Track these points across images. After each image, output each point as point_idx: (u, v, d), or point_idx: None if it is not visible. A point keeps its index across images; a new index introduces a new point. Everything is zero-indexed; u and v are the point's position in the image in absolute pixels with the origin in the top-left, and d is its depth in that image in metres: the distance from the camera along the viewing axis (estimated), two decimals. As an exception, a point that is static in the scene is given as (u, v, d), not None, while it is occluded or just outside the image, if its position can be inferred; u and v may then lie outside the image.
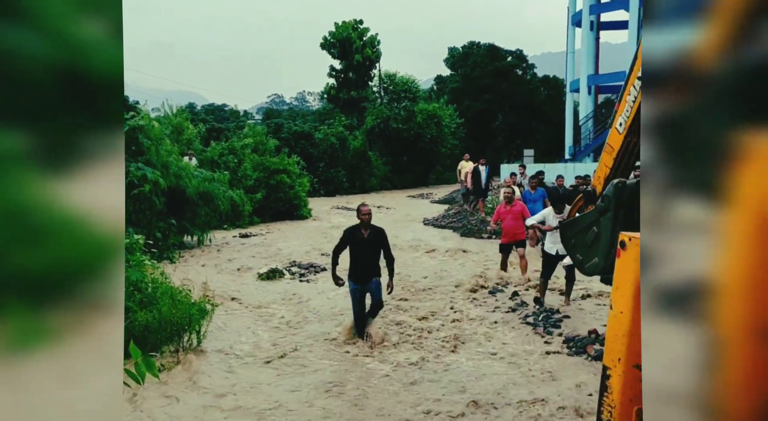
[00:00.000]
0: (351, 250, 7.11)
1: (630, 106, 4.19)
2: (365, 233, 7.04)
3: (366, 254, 7.02)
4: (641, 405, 3.05)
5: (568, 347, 6.78)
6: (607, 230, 4.14)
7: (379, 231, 7.14)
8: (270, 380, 5.96)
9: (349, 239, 7.10)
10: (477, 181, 17.58)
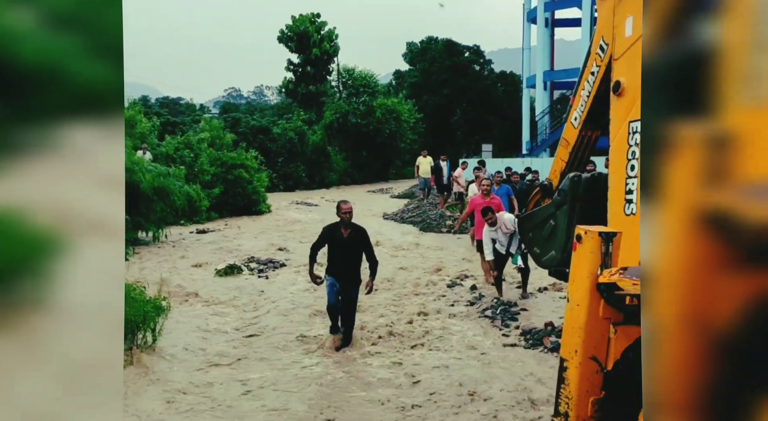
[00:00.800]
0: (330, 250, 6.69)
1: (584, 101, 4.26)
2: (345, 233, 6.56)
3: (346, 255, 6.59)
4: (598, 396, 3.10)
5: (525, 339, 6.87)
6: (564, 223, 4.20)
7: (360, 231, 6.66)
8: (224, 379, 5.87)
9: (328, 237, 6.64)
10: (439, 177, 17.63)
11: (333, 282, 6.63)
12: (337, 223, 6.64)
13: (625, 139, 3.59)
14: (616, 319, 3.11)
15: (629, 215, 3.55)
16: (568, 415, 3.14)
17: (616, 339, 3.08)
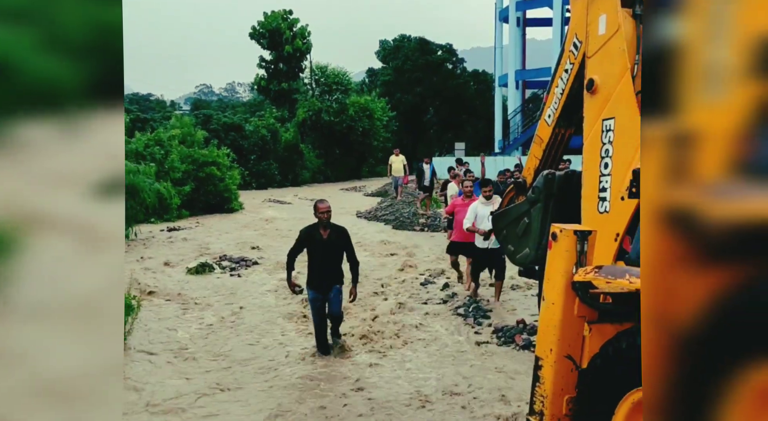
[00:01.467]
0: (309, 253, 6.25)
1: (558, 99, 4.26)
2: (324, 234, 6.16)
3: (326, 257, 6.19)
4: (573, 394, 3.11)
5: (497, 337, 6.88)
6: (538, 220, 4.20)
7: (340, 231, 6.30)
8: (195, 377, 5.77)
9: (306, 240, 6.21)
10: (421, 179, 17.45)
11: (315, 296, 6.24)
12: (315, 224, 6.21)
13: (598, 136, 3.60)
14: (591, 317, 3.11)
15: (602, 213, 3.56)
16: (543, 414, 3.14)
17: (590, 338, 3.09)
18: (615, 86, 3.51)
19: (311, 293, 6.25)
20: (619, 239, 3.29)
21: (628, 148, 3.38)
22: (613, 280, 2.77)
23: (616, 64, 3.52)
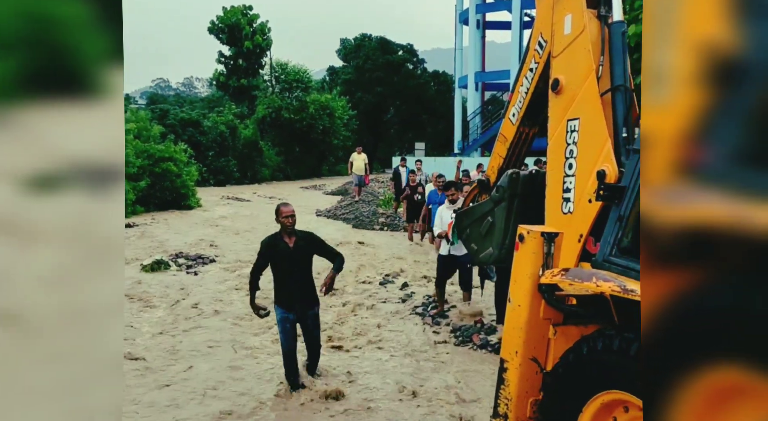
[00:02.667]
0: (274, 267, 5.34)
1: (522, 97, 4.24)
2: (290, 242, 5.28)
3: (294, 270, 5.31)
4: (538, 397, 3.08)
5: (455, 336, 6.87)
6: (501, 220, 4.17)
7: (309, 238, 5.43)
8: (148, 379, 5.59)
9: (269, 252, 5.29)
10: (398, 182, 16.64)
11: (285, 316, 5.31)
12: (277, 233, 5.37)
13: (563, 137, 3.58)
14: (556, 320, 3.09)
15: (566, 214, 3.54)
16: (508, 416, 3.10)
17: (555, 340, 3.07)
18: (580, 87, 3.50)
19: (280, 312, 5.32)
20: (582, 240, 3.28)
21: (593, 149, 3.36)
22: (580, 283, 2.75)
23: (581, 64, 3.51)
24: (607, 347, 2.62)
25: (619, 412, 2.64)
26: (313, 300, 5.45)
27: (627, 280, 2.61)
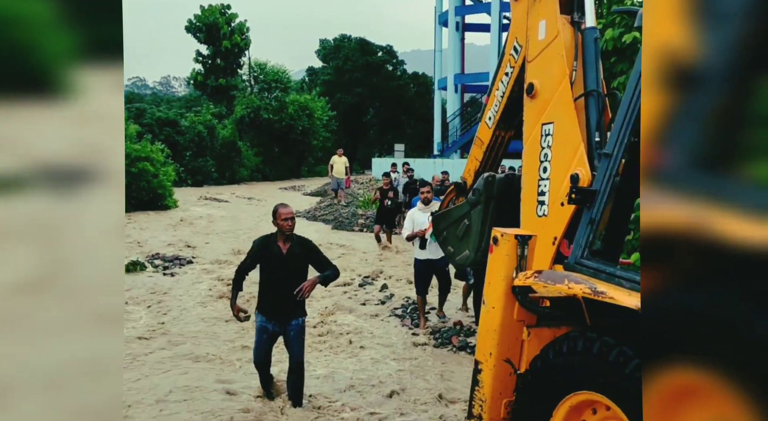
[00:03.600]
0: (263, 271, 4.92)
1: (498, 101, 4.28)
2: (284, 247, 4.85)
3: (285, 277, 4.83)
4: (511, 398, 3.11)
5: (434, 338, 6.91)
6: (478, 222, 4.21)
7: (304, 244, 5.00)
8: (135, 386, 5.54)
9: (261, 254, 4.89)
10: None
11: (263, 325, 4.89)
12: (272, 234, 4.93)
13: (537, 140, 3.62)
14: (530, 321, 3.13)
15: (541, 217, 3.59)
16: (482, 417, 3.14)
17: (529, 341, 3.11)
18: (554, 91, 3.54)
19: (260, 319, 4.91)
20: (556, 243, 3.32)
21: (567, 152, 3.41)
22: (553, 285, 2.79)
23: (555, 69, 3.56)
24: (571, 349, 2.66)
25: (588, 414, 2.69)
26: (300, 311, 4.96)
27: (598, 282, 2.66)
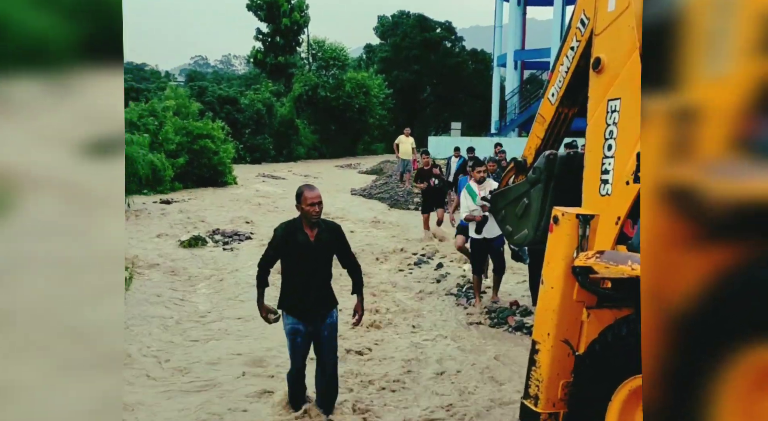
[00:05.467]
0: (286, 263, 4.27)
1: (562, 77, 4.15)
2: (311, 235, 4.19)
3: (313, 269, 4.24)
4: (569, 379, 3.06)
5: (489, 318, 6.86)
6: (537, 201, 4.13)
7: (333, 230, 4.35)
8: (187, 352, 5.73)
9: (285, 244, 4.20)
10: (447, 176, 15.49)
11: (295, 326, 4.24)
12: (296, 220, 4.26)
13: (603, 117, 3.50)
14: (590, 303, 3.06)
15: (604, 196, 3.48)
16: (539, 397, 3.10)
17: (589, 323, 3.04)
18: (622, 66, 3.41)
19: (291, 321, 4.24)
20: (620, 223, 3.22)
21: (634, 130, 3.29)
22: (615, 265, 2.71)
23: (624, 42, 3.42)
24: (632, 332, 2.59)
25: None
26: (332, 301, 4.38)
27: (664, 263, 2.57)
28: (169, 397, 4.79)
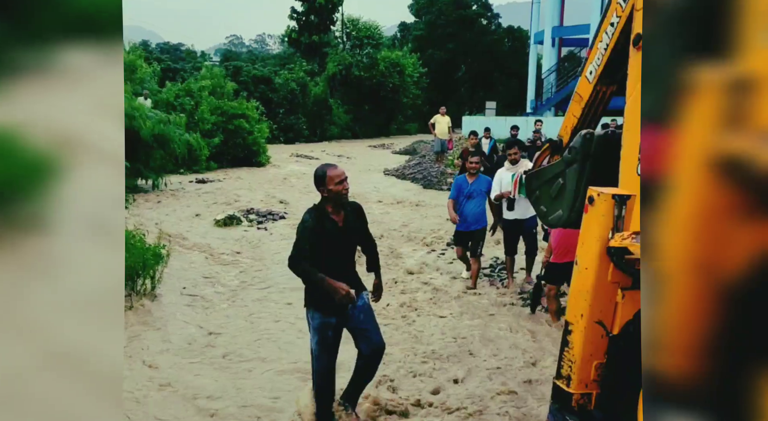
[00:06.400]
0: (314, 255, 3.79)
1: (601, 54, 4.06)
2: (339, 220, 3.87)
3: (343, 257, 3.96)
4: (602, 360, 3.04)
5: (522, 298, 6.83)
6: (573, 182, 4.06)
7: (356, 210, 4.04)
8: (231, 325, 5.85)
9: (314, 235, 3.79)
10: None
11: (325, 320, 3.85)
12: (320, 207, 3.88)
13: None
14: (625, 284, 3.02)
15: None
16: (571, 378, 3.09)
17: (623, 304, 3.00)
18: (663, 42, 3.31)
19: (319, 316, 3.86)
20: (657, 203, 3.15)
21: (673, 108, 3.20)
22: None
23: (666, 18, 3.31)
24: None
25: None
26: (360, 288, 4.02)
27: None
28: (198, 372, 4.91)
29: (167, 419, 4.19)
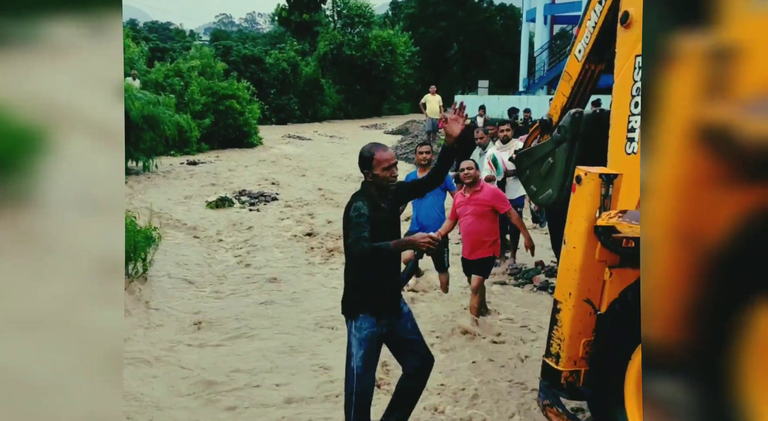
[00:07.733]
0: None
1: (590, 32, 4.05)
2: (386, 206, 3.33)
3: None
4: (590, 338, 3.08)
5: (514, 278, 6.87)
6: (562, 161, 4.08)
7: (398, 189, 3.42)
8: (213, 311, 5.86)
9: (369, 218, 3.11)
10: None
11: (374, 330, 3.25)
12: (367, 193, 3.26)
13: (630, 73, 3.43)
14: (612, 262, 3.05)
15: (630, 154, 3.43)
16: (560, 356, 3.12)
17: (610, 282, 3.04)
18: (651, 20, 3.30)
19: (367, 325, 3.23)
20: (645, 182, 3.17)
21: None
22: (637, 224, 2.68)
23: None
24: None
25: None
26: (400, 291, 3.51)
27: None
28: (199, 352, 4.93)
29: (159, 397, 4.21)
